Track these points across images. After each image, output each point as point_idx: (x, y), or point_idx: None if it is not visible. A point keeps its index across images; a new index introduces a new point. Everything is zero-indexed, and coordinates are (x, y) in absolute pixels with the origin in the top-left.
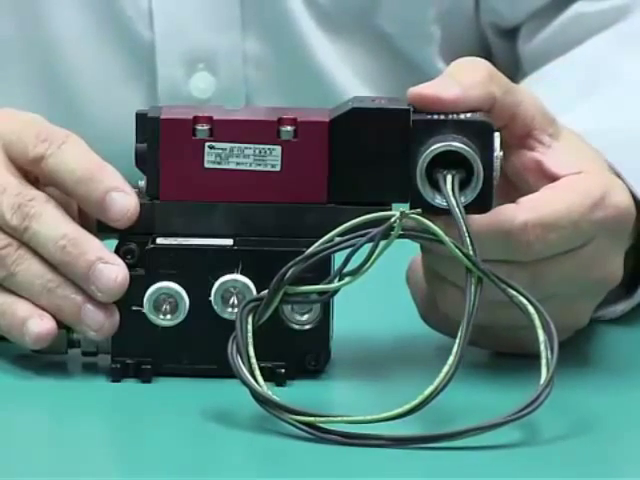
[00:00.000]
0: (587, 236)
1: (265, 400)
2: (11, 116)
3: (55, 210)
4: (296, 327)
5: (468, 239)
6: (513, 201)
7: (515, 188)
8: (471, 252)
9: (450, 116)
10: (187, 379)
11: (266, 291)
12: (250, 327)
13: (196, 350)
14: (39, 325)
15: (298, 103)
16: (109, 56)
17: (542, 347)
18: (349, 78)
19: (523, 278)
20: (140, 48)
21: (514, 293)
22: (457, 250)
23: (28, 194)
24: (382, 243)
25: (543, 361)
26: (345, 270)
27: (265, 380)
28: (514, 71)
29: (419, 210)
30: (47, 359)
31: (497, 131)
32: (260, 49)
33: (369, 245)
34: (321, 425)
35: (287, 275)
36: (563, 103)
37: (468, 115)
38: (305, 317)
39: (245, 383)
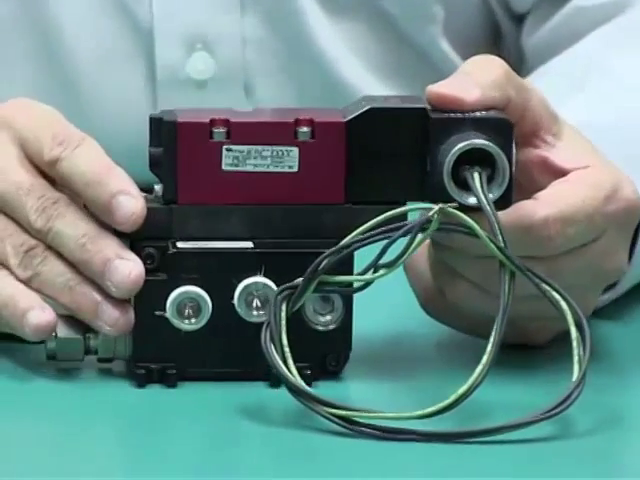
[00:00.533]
0: (600, 229)
1: (299, 391)
2: (28, 109)
3: (77, 210)
4: (320, 328)
5: (500, 235)
6: (517, 197)
7: (519, 185)
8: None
9: (467, 114)
10: (210, 383)
11: (300, 279)
12: (284, 314)
13: (219, 353)
14: (39, 317)
15: (298, 86)
16: (108, 36)
17: (575, 344)
18: (351, 61)
19: (540, 272)
20: (139, 28)
21: (547, 288)
22: (492, 244)
23: (52, 196)
24: (419, 236)
25: (575, 358)
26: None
27: None
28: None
29: (456, 204)
30: (63, 365)
31: None
32: (260, 31)
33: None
34: (356, 419)
35: (322, 265)
36: (556, 98)
37: (484, 112)
38: (328, 317)
39: (279, 373)
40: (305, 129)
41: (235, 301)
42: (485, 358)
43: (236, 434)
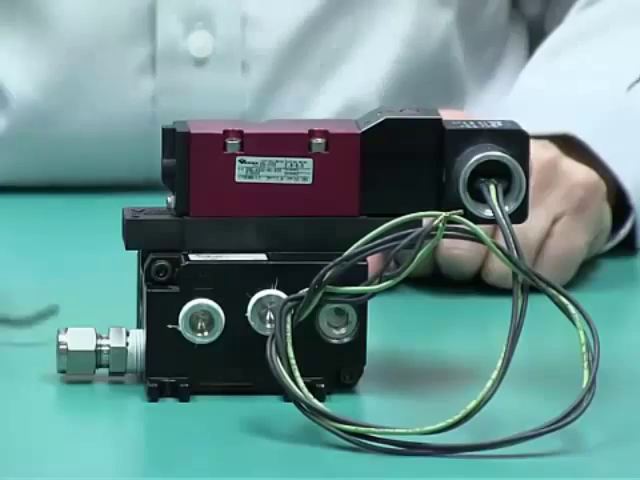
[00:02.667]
0: None
1: (304, 404)
2: None
3: None
4: (334, 342)
5: (515, 249)
6: None
7: None
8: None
9: (483, 125)
10: (222, 397)
11: (304, 290)
12: (289, 326)
13: (232, 367)
14: None
15: (298, 70)
16: (108, 13)
17: (583, 349)
18: (353, 45)
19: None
20: (140, 4)
21: (554, 292)
22: (498, 250)
23: None
24: (426, 245)
25: (585, 363)
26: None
27: None
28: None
29: (461, 211)
30: (74, 379)
31: None
32: (259, 10)
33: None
34: (364, 434)
35: (327, 275)
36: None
37: (499, 124)
38: (342, 331)
39: (284, 386)
40: (319, 140)
41: (248, 314)
42: (495, 374)
43: (249, 450)
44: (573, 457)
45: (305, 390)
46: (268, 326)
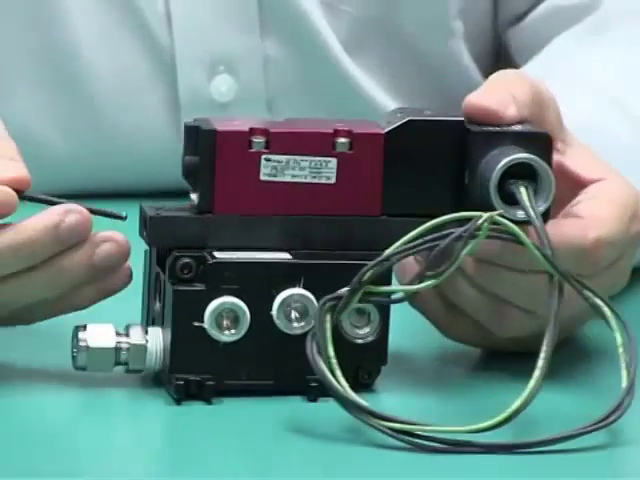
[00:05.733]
0: (624, 250)
1: (351, 404)
2: None
3: None
4: (359, 341)
5: (549, 249)
6: None
7: None
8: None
9: (507, 128)
10: (247, 397)
11: (344, 289)
12: (329, 325)
13: (257, 366)
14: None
15: (320, 105)
16: (128, 59)
17: (621, 350)
18: (369, 79)
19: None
20: (160, 51)
21: (589, 294)
22: (538, 251)
23: None
24: (468, 244)
25: (623, 364)
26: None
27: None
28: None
29: (502, 211)
30: (92, 376)
31: None
32: (280, 51)
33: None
34: (413, 432)
35: (366, 275)
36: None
37: (521, 127)
38: (366, 330)
39: (328, 385)
40: (344, 140)
41: (274, 313)
42: (537, 372)
43: (282, 451)
44: (615, 453)
45: (348, 388)
46: (294, 325)
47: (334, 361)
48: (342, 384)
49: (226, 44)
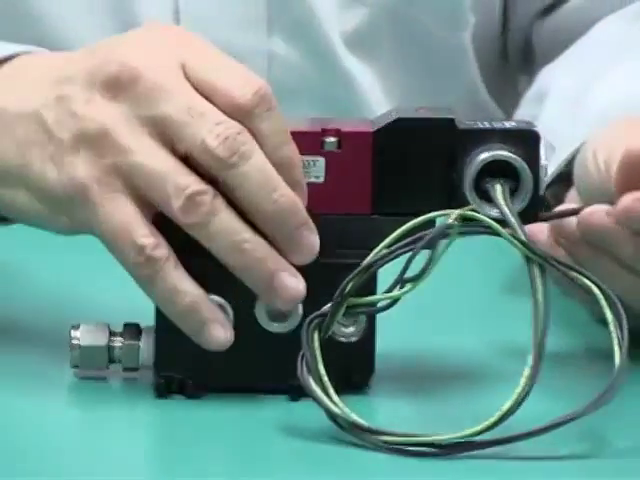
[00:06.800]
0: None
1: (346, 423)
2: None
3: (265, 159)
4: (342, 340)
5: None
6: None
7: None
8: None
9: (496, 125)
10: (230, 395)
11: (327, 306)
12: (317, 344)
13: (240, 364)
14: (221, 332)
15: (325, 105)
16: None
17: (611, 327)
18: (376, 82)
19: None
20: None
21: (576, 275)
22: (514, 239)
23: (233, 126)
24: (442, 244)
25: (615, 341)
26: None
27: None
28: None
29: (473, 206)
30: (87, 374)
31: None
32: (286, 49)
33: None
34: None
35: (348, 287)
36: (594, 72)
37: (512, 124)
38: (351, 329)
39: (322, 406)
40: (332, 139)
41: (256, 310)
42: (527, 370)
43: (266, 450)
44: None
45: (341, 405)
46: (277, 324)
47: (326, 379)
48: (334, 401)
49: (232, 40)
